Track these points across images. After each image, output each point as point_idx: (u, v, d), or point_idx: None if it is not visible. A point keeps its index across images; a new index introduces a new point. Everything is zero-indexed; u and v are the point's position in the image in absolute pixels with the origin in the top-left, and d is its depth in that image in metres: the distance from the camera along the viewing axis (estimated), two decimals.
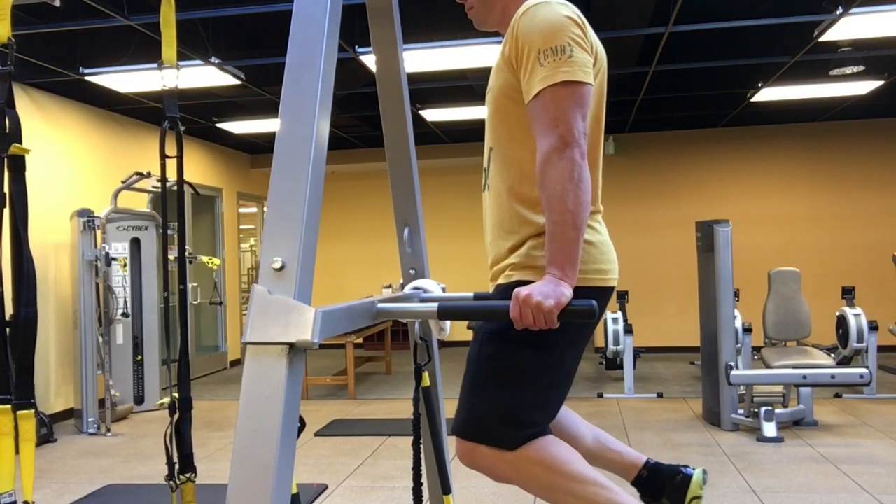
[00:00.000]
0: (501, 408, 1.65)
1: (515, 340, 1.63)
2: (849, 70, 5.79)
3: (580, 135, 1.51)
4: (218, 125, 7.46)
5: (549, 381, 1.67)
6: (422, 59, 5.13)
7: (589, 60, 1.57)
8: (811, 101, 7.21)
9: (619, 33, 4.93)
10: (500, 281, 1.72)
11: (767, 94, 6.74)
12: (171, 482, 2.32)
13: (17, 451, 2.01)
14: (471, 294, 2.07)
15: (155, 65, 2.39)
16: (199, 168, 8.22)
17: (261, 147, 9.10)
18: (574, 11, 1.61)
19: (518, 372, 1.64)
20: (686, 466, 1.88)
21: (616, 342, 6.40)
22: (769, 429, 4.62)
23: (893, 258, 7.14)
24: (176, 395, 2.33)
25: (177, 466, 2.34)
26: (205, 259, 6.47)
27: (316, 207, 1.31)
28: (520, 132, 1.68)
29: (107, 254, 5.59)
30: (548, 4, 1.59)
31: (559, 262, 1.48)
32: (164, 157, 2.37)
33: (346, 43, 4.83)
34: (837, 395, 5.94)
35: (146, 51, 5.00)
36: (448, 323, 1.90)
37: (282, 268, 1.24)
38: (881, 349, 6.35)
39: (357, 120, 7.65)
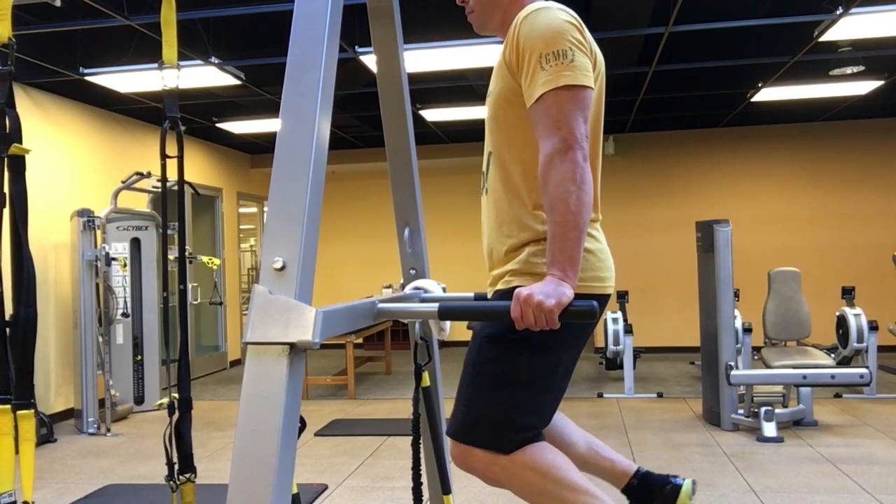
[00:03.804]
0: (497, 411, 1.66)
1: (513, 344, 1.64)
2: (849, 70, 5.79)
3: (582, 137, 1.53)
4: (218, 125, 7.46)
5: (544, 384, 1.68)
6: (422, 59, 5.13)
7: (589, 64, 1.59)
8: (811, 101, 7.21)
9: (619, 33, 4.92)
10: (500, 287, 1.73)
11: (767, 94, 6.74)
12: (171, 482, 2.32)
13: (16, 451, 2.01)
14: (471, 294, 2.08)
15: (155, 65, 2.39)
16: (200, 168, 8.22)
17: (261, 147, 9.10)
18: (573, 16, 1.62)
19: (514, 375, 1.65)
20: (676, 476, 1.89)
21: (616, 342, 6.40)
22: (769, 429, 4.62)
23: (893, 258, 7.14)
24: (176, 395, 2.33)
25: (177, 466, 2.34)
26: (205, 259, 6.47)
27: (316, 207, 1.31)
28: (520, 136, 1.68)
29: (107, 254, 5.59)
30: (548, 10, 1.60)
31: (560, 263, 1.49)
32: (164, 157, 2.37)
33: (347, 43, 4.83)
34: (837, 395, 5.94)
35: (146, 51, 5.00)
36: (448, 323, 1.90)
37: (282, 268, 1.24)
38: (881, 349, 6.35)
39: (357, 120, 7.64)
